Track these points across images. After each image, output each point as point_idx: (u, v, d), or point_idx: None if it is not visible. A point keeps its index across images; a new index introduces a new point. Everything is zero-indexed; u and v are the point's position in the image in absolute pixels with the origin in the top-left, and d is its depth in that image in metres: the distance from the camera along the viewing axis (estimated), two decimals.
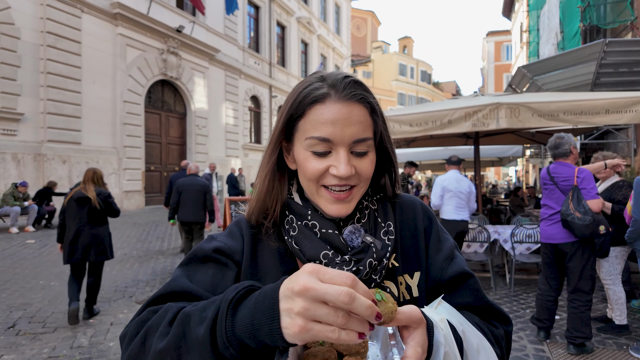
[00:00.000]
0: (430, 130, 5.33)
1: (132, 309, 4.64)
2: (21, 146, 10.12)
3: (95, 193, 4.38)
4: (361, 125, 0.71)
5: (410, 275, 0.80)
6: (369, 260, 0.72)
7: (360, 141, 0.71)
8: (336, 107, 0.70)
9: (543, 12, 14.27)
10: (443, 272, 0.80)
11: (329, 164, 0.71)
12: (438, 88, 52.48)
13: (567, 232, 3.37)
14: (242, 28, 18.90)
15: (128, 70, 12.83)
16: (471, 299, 0.77)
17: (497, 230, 5.30)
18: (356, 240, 0.75)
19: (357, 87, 0.73)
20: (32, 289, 5.28)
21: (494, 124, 5.02)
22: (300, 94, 0.73)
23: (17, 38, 10.06)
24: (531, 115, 5.00)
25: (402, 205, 0.87)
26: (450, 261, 0.81)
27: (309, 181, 0.74)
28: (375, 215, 0.81)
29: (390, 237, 0.78)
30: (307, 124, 0.72)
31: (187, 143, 15.81)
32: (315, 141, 0.71)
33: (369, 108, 0.74)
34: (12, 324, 4.14)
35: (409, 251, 0.82)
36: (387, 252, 0.75)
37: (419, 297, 0.79)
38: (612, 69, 7.97)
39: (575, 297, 3.38)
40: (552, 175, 3.50)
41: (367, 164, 0.73)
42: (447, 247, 0.83)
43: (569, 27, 10.52)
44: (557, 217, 3.45)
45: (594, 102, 4.84)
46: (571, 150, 3.49)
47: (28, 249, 7.54)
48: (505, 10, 28.99)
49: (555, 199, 3.48)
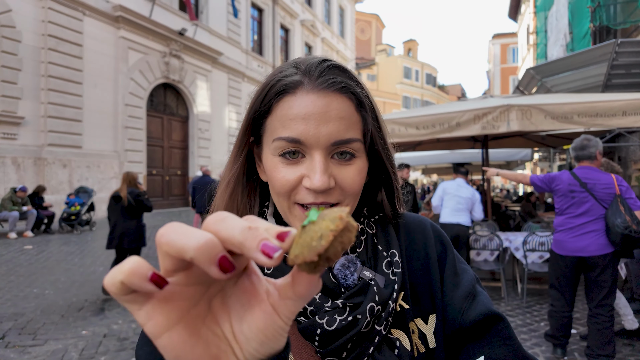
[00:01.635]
0: (438, 133, 5.15)
1: (127, 319, 4.47)
2: (21, 150, 10.03)
3: (127, 192, 5.17)
4: (343, 122, 0.56)
5: (424, 320, 0.63)
6: (370, 305, 0.55)
7: (342, 143, 0.55)
8: (309, 99, 0.55)
9: (551, 13, 14.08)
10: (464, 315, 0.62)
11: (302, 174, 0.56)
12: (443, 91, 52.33)
13: (602, 244, 3.11)
14: (245, 31, 18.82)
15: (130, 73, 12.75)
16: (505, 351, 0.58)
17: (508, 238, 5.08)
18: (351, 277, 0.58)
19: (338, 73, 0.57)
20: (25, 297, 5.13)
21: (504, 127, 4.85)
22: (267, 84, 0.59)
23: (18, 41, 10.00)
24: (544, 117, 4.83)
25: (408, 228, 0.69)
26: (473, 300, 0.63)
27: (279, 196, 0.58)
28: (375, 242, 0.64)
29: (396, 269, 0.61)
30: (274, 121, 0.57)
31: (189, 147, 15.71)
32: (283, 143, 0.55)
33: (354, 100, 0.58)
34: (1, 336, 4.00)
35: (420, 288, 0.64)
36: (392, 290, 0.58)
37: (437, 348, 0.61)
38: (624, 70, 7.77)
39: (599, 311, 3.15)
40: (583, 181, 3.19)
41: (352, 174, 0.57)
42: (468, 282, 0.65)
43: (579, 28, 10.33)
44: (589, 226, 3.16)
45: (610, 103, 4.64)
46: (596, 155, 3.25)
47: (25, 254, 7.40)
48: (512, 12, 28.79)
49: (588, 208, 3.17)
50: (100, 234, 9.73)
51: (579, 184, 3.21)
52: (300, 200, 0.56)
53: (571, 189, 3.25)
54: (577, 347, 3.63)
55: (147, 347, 0.54)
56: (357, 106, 0.58)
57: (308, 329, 0.54)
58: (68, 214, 9.66)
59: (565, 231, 3.30)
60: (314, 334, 0.54)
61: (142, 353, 0.54)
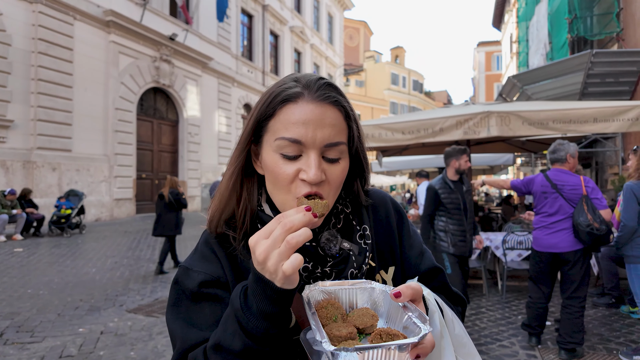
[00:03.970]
0: (422, 138, 5.37)
1: (123, 317, 4.58)
2: (10, 153, 10.00)
3: (169, 192, 6.74)
4: (334, 128, 0.69)
5: (385, 271, 0.82)
6: (350, 270, 0.73)
7: (333, 145, 0.68)
8: (309, 107, 0.68)
9: (532, 23, 14.55)
10: (417, 267, 0.86)
11: (299, 168, 0.68)
12: (430, 97, 53.00)
13: (572, 241, 3.35)
14: (235, 36, 18.97)
15: (120, 77, 12.79)
16: (441, 290, 0.85)
17: (488, 237, 5.34)
18: (334, 247, 0.73)
19: (332, 90, 0.71)
20: (20, 297, 5.19)
21: (485, 132, 5.08)
22: (272, 93, 0.71)
23: (8, 45, 10.00)
24: (521, 123, 5.06)
25: (374, 204, 0.87)
26: (422, 256, 0.88)
27: (278, 187, 0.70)
28: (350, 219, 0.80)
29: (367, 241, 0.79)
30: (277, 123, 0.69)
31: (179, 151, 15.75)
32: (285, 142, 0.67)
33: (343, 112, 0.72)
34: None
35: (383, 249, 0.84)
36: (365, 257, 0.76)
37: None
38: (599, 79, 8.14)
39: (570, 303, 3.39)
40: (554, 182, 3.45)
41: (338, 172, 0.71)
42: (418, 242, 0.90)
43: (557, 38, 10.73)
44: (560, 225, 3.41)
45: (582, 110, 4.93)
46: (567, 157, 3.49)
47: (16, 257, 7.41)
48: (495, 21, 29.51)
49: (558, 207, 3.43)
50: (91, 237, 9.74)
51: (550, 185, 3.47)
52: (299, 192, 0.67)
53: (544, 190, 3.51)
54: (550, 337, 3.88)
55: (178, 321, 0.70)
56: (345, 117, 0.72)
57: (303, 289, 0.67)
58: (58, 217, 9.65)
59: (540, 229, 3.56)
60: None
61: (175, 326, 0.69)
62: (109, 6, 12.28)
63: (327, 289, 0.65)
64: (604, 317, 4.50)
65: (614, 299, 4.79)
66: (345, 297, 0.67)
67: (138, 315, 4.66)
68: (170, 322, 0.70)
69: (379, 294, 0.67)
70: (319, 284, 0.66)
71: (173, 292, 0.74)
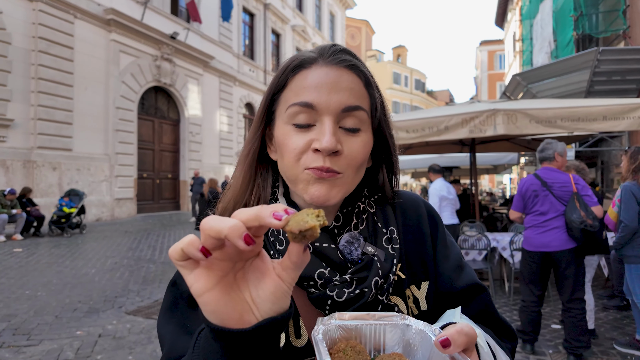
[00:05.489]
0: (427, 136, 5.28)
1: (122, 320, 4.49)
2: (10, 152, 9.94)
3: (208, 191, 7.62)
4: (352, 92, 0.62)
5: (417, 287, 0.71)
6: (374, 279, 0.61)
7: (351, 109, 0.61)
8: (322, 71, 0.61)
9: (536, 21, 14.42)
10: (454, 283, 0.72)
11: (312, 138, 0.60)
12: (432, 96, 52.89)
13: (564, 240, 3.28)
14: (237, 35, 18.90)
15: (121, 76, 12.72)
16: (483, 314, 0.71)
17: (495, 238, 5.24)
18: (355, 252, 0.64)
19: (348, 54, 0.64)
20: (17, 299, 5.11)
21: (491, 131, 4.98)
22: (286, 64, 0.65)
23: (8, 43, 9.93)
24: (528, 121, 4.97)
25: (403, 206, 0.76)
26: (461, 271, 0.74)
27: (287, 161, 0.62)
28: (375, 220, 0.69)
29: (395, 245, 0.67)
30: (289, 92, 0.63)
31: (180, 150, 15.69)
32: (296, 109, 0.60)
33: (362, 79, 0.64)
34: None
35: (414, 259, 0.72)
36: (392, 264, 0.64)
37: (428, 310, 0.70)
38: (605, 77, 8.03)
39: (571, 306, 3.30)
40: (544, 180, 3.41)
41: (357, 145, 0.62)
42: (456, 255, 0.76)
43: (562, 36, 10.61)
44: (552, 223, 3.36)
45: (591, 108, 4.83)
46: (555, 156, 3.45)
47: (15, 257, 7.34)
48: (498, 19, 29.36)
49: (549, 205, 3.38)
50: (91, 237, 9.67)
51: (540, 184, 3.42)
52: (309, 163, 0.59)
53: (534, 189, 3.46)
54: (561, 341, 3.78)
55: (170, 325, 0.61)
56: (365, 84, 0.64)
57: (319, 299, 0.60)
58: (58, 217, 9.58)
59: (531, 228, 3.49)
60: (324, 304, 0.60)
61: (165, 331, 0.61)
62: (110, 4, 12.21)
63: (346, 325, 0.51)
64: (615, 320, 4.39)
65: (624, 301, 4.68)
66: (370, 336, 0.52)
67: (137, 317, 4.57)
68: (160, 327, 0.63)
69: (415, 334, 0.52)
70: (336, 316, 0.51)
71: (169, 294, 0.66)
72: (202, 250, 0.38)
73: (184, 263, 0.40)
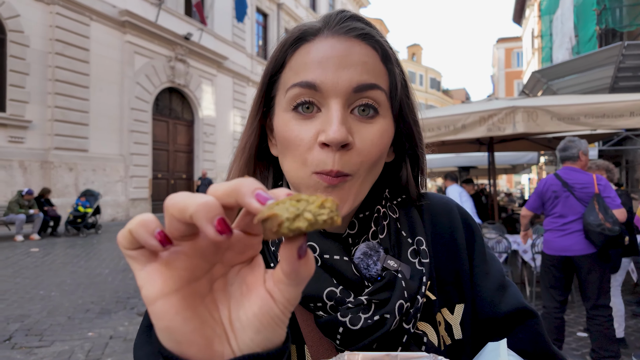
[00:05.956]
0: (443, 135, 5.12)
1: (134, 321, 4.46)
2: (28, 153, 10.10)
3: None
4: (366, 67, 0.50)
5: (450, 310, 0.58)
6: (399, 302, 0.49)
7: (364, 88, 0.49)
8: (328, 43, 0.50)
9: (556, 16, 14.05)
10: (495, 307, 0.59)
11: (318, 130, 0.49)
12: (447, 95, 52.27)
13: (586, 244, 3.11)
14: (250, 36, 18.92)
15: (136, 77, 12.83)
16: (533, 346, 0.57)
17: (516, 240, 5.04)
18: (374, 267, 0.52)
19: (359, 21, 0.53)
20: (31, 299, 5.14)
21: (510, 129, 4.81)
22: (284, 38, 0.54)
23: (26, 46, 10.10)
24: (549, 119, 4.79)
25: (432, 210, 0.64)
26: (504, 291, 0.60)
27: (290, 159, 0.51)
28: (398, 228, 0.57)
29: (424, 259, 0.55)
30: (288, 72, 0.52)
31: (194, 150, 15.77)
32: (297, 91, 0.49)
33: (379, 51, 0.52)
34: (8, 337, 3.98)
35: (446, 276, 0.59)
36: (420, 283, 0.52)
37: (464, 340, 0.57)
38: (631, 73, 7.73)
39: (597, 313, 3.12)
40: (564, 181, 3.23)
41: (373, 135, 0.50)
42: (497, 271, 0.62)
43: (584, 31, 10.29)
44: (572, 226, 3.18)
45: (617, 104, 4.60)
46: (579, 155, 3.27)
47: (31, 257, 7.43)
48: (516, 16, 28.78)
49: (570, 207, 3.20)
50: (106, 237, 9.76)
51: (561, 184, 3.24)
52: (316, 165, 0.48)
53: (554, 190, 3.28)
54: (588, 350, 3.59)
55: (147, 346, 0.50)
56: (382, 57, 0.52)
57: (329, 325, 0.49)
58: (74, 217, 9.70)
59: (551, 231, 3.32)
60: (335, 332, 0.49)
61: (142, 354, 0.49)
62: (124, 6, 12.32)
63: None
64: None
65: None
66: None
67: None
68: (136, 349, 0.51)
69: None
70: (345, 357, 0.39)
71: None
72: (159, 237, 0.27)
73: (134, 253, 0.29)
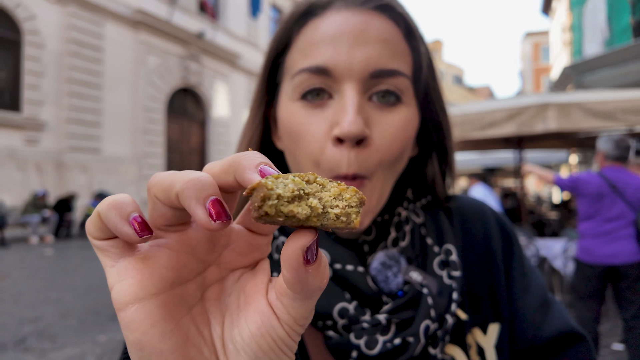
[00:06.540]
0: (468, 133, 4.87)
1: None
2: (43, 155, 10.18)
3: None
4: (386, 45, 0.43)
5: (482, 330, 0.50)
6: (424, 324, 0.42)
7: (384, 75, 0.42)
8: (340, 17, 0.43)
9: (586, 8, 13.50)
10: (537, 329, 0.51)
11: (331, 122, 0.43)
12: (471, 93, 51.29)
13: (634, 250, 2.93)
14: (264, 33, 18.78)
15: (149, 77, 12.82)
16: None
17: (546, 245, 4.74)
18: (394, 279, 0.46)
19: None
20: (44, 302, 5.13)
21: (541, 126, 4.57)
22: (289, 13, 0.48)
23: (42, 47, 10.16)
24: (583, 115, 4.52)
25: (463, 214, 0.56)
26: (547, 310, 0.52)
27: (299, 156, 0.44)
28: (423, 234, 0.51)
29: (453, 272, 0.47)
30: (295, 53, 0.46)
31: (207, 150, 15.72)
32: (305, 76, 0.43)
33: (401, 26, 0.46)
34: (21, 339, 3.99)
35: (478, 291, 0.52)
36: (450, 300, 0.45)
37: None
38: None
39: (636, 323, 2.92)
40: (613, 183, 3.01)
41: (393, 124, 0.44)
42: (539, 286, 0.54)
43: (618, 23, 9.83)
44: (621, 232, 2.99)
45: None
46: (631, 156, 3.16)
47: (45, 259, 7.46)
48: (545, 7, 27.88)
49: (618, 211, 3.00)
50: None
51: (608, 185, 3.02)
52: (330, 170, 0.42)
53: (599, 191, 3.06)
54: None
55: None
56: (405, 33, 0.45)
57: (340, 348, 0.43)
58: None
59: (592, 237, 3.10)
60: (347, 356, 0.42)
61: None
62: (138, 5, 12.31)
63: None
64: None
65: None
66: None
67: None
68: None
69: None
70: None
71: None
72: (136, 224, 0.21)
73: (104, 244, 0.23)
